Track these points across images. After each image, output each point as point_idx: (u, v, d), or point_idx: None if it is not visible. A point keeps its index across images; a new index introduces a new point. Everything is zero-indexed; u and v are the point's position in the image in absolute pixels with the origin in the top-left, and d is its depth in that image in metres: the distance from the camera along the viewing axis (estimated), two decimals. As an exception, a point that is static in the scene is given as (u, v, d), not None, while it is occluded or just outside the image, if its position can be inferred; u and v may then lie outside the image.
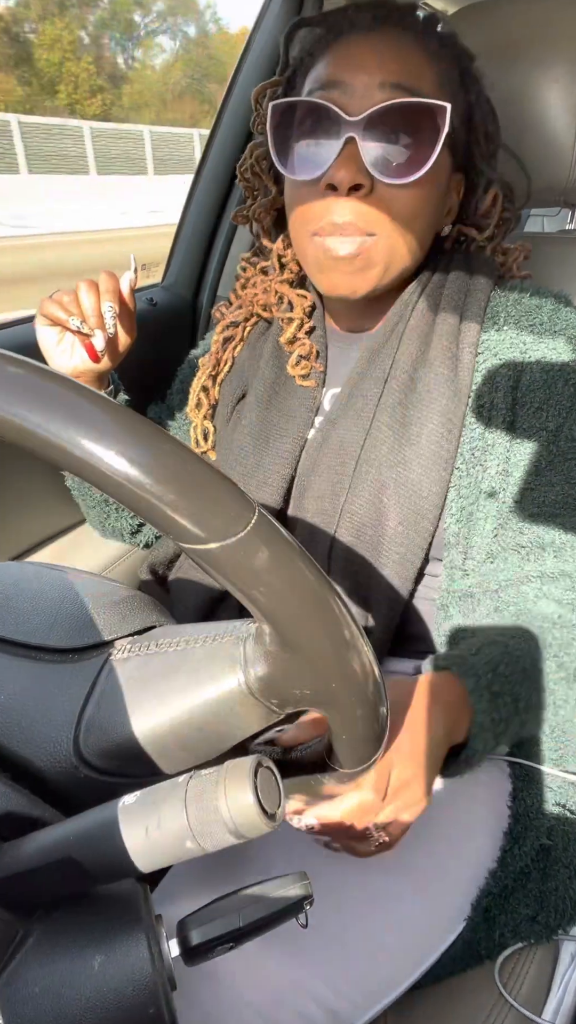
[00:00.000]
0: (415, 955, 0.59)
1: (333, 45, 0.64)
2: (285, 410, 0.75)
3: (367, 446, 0.68)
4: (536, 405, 0.65)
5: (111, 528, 0.92)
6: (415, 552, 0.66)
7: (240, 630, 0.36)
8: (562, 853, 0.66)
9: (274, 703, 0.34)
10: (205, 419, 0.82)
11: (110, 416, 0.25)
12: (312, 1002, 0.54)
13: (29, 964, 0.30)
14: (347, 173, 0.60)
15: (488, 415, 0.66)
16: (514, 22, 0.86)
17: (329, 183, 0.61)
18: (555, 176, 0.87)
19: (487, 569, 0.66)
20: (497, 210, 0.73)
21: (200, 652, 0.37)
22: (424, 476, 0.65)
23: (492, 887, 0.63)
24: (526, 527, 0.64)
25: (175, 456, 0.26)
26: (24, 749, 0.37)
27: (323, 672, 0.31)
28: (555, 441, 0.64)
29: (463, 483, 0.66)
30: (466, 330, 0.68)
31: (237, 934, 0.33)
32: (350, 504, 0.67)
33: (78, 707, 0.37)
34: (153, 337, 1.13)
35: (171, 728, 0.36)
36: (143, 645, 0.39)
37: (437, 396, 0.66)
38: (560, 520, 0.63)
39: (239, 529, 0.26)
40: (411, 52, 0.63)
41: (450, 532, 0.66)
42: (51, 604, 0.42)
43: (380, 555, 0.67)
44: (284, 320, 0.76)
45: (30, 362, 0.25)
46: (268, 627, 0.30)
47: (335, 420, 0.71)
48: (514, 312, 0.68)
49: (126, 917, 0.32)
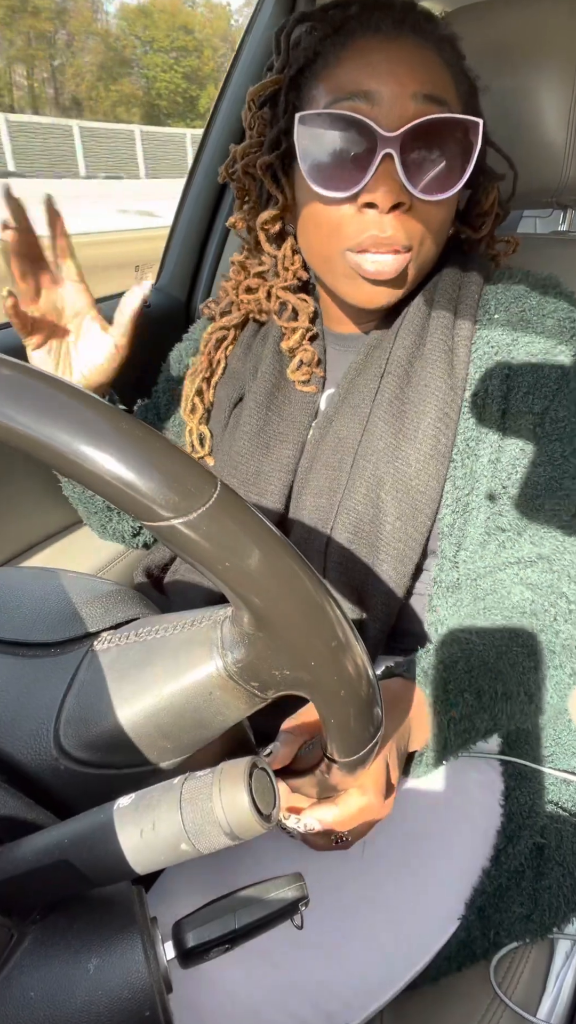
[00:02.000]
0: (410, 955, 0.60)
1: (348, 48, 0.61)
2: (285, 415, 0.75)
3: (364, 441, 0.68)
4: (525, 389, 0.65)
5: (112, 531, 0.92)
6: (413, 548, 0.67)
7: (217, 614, 0.36)
8: (555, 851, 0.66)
9: (255, 686, 0.34)
10: (201, 424, 0.81)
11: (65, 395, 0.25)
12: (306, 1003, 0.54)
13: (24, 967, 0.30)
14: (388, 192, 0.59)
15: (482, 404, 0.66)
16: (507, 24, 0.86)
17: (369, 202, 0.60)
18: (548, 177, 0.87)
19: (471, 556, 0.66)
20: (494, 208, 0.74)
21: (177, 638, 0.36)
22: (422, 471, 0.65)
23: (486, 886, 0.63)
24: (507, 510, 0.65)
25: (132, 433, 0.25)
26: (6, 744, 0.36)
27: (300, 650, 0.30)
28: (541, 424, 0.65)
29: (458, 474, 0.66)
30: (461, 324, 0.68)
31: (233, 936, 0.33)
32: (347, 500, 0.67)
33: (58, 699, 0.37)
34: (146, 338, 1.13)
35: (150, 716, 0.35)
36: (123, 635, 0.39)
37: (434, 389, 0.66)
38: (540, 502, 0.64)
39: (200, 504, 0.26)
40: (433, 60, 0.61)
41: (444, 523, 0.66)
42: (34, 601, 0.42)
43: (378, 552, 0.67)
44: (288, 329, 0.75)
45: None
46: (241, 606, 0.29)
47: (332, 418, 0.71)
48: (504, 300, 0.69)
49: (121, 920, 0.32)
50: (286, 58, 0.66)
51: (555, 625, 0.59)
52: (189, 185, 1.25)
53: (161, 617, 0.40)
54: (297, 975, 0.54)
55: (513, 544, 0.64)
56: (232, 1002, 0.52)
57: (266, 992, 0.53)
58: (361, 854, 0.59)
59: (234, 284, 0.79)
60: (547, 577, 0.61)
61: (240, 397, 0.79)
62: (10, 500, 0.91)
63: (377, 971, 0.57)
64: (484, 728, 0.55)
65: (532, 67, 0.84)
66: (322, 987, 0.54)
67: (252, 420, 0.74)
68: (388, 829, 0.60)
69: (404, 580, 0.67)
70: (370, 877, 0.59)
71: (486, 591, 0.62)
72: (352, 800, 0.47)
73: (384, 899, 0.59)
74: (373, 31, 0.61)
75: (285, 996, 0.53)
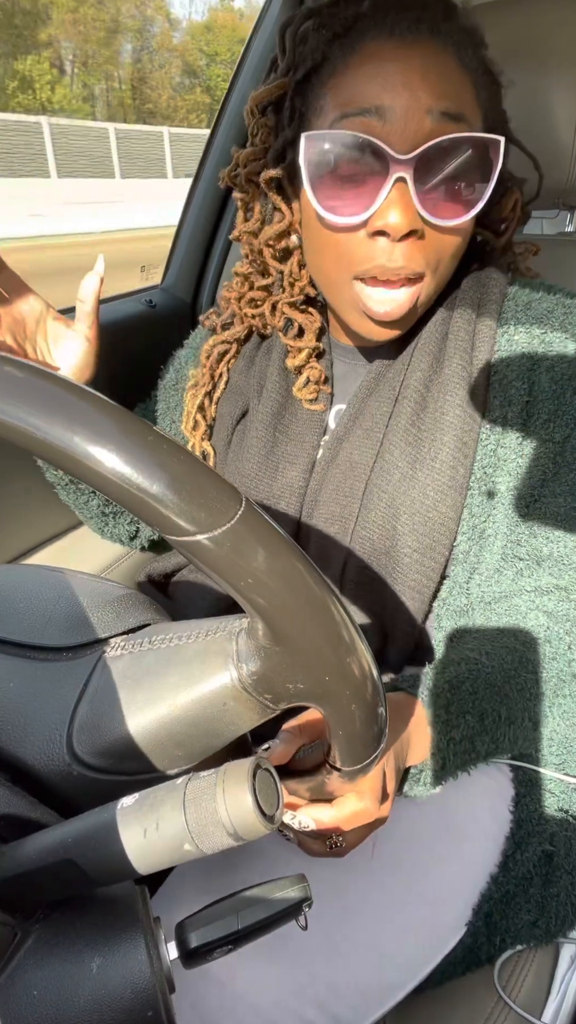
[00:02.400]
0: (416, 960, 0.59)
1: (358, 53, 0.56)
2: (292, 434, 0.71)
3: (377, 468, 0.65)
4: (545, 416, 0.62)
5: (110, 534, 0.91)
6: (431, 578, 0.65)
7: (232, 625, 0.36)
8: (564, 859, 0.66)
9: (268, 698, 0.34)
10: (203, 440, 0.78)
11: (96, 410, 0.25)
12: (312, 1006, 0.54)
13: (27, 967, 0.30)
14: (401, 220, 0.55)
15: (501, 431, 0.63)
16: (513, 26, 0.86)
17: (379, 229, 0.56)
18: (555, 178, 0.87)
19: (484, 582, 0.65)
20: (516, 213, 0.70)
21: (192, 648, 0.36)
22: (440, 502, 0.63)
23: (494, 892, 0.63)
24: (525, 539, 0.63)
25: (160, 448, 0.25)
26: (18, 748, 0.36)
27: (316, 666, 0.31)
28: (561, 452, 0.63)
29: (475, 502, 0.64)
30: (480, 345, 0.65)
31: (236, 937, 0.33)
32: (361, 529, 0.66)
33: (71, 705, 0.37)
34: (151, 339, 1.13)
35: (164, 725, 0.36)
36: (136, 642, 0.39)
37: (452, 418, 0.63)
38: (559, 533, 0.62)
39: (225, 521, 0.26)
40: (452, 67, 0.56)
41: (460, 549, 0.64)
42: (46, 603, 0.42)
43: (396, 582, 0.65)
44: (294, 349, 0.71)
45: (16, 359, 0.25)
46: (259, 620, 0.29)
47: (342, 438, 0.68)
48: (524, 319, 0.65)
49: (124, 920, 0.32)
50: (292, 59, 0.60)
51: (569, 653, 0.58)
52: (196, 185, 1.25)
53: (173, 625, 0.40)
54: (302, 977, 0.54)
55: (532, 573, 0.63)
56: (235, 1003, 0.52)
57: (270, 994, 0.53)
58: (371, 855, 0.59)
59: (237, 295, 0.75)
60: (564, 606, 0.60)
61: (243, 413, 0.76)
62: (15, 499, 0.91)
63: (383, 975, 0.57)
64: (485, 751, 0.55)
65: (538, 68, 0.84)
66: (327, 989, 0.54)
67: (259, 442, 0.71)
68: (396, 832, 0.60)
69: (423, 607, 0.66)
70: (377, 879, 0.59)
71: (499, 615, 0.62)
72: (348, 803, 0.47)
73: (391, 903, 0.58)
74: (387, 34, 0.55)
75: (289, 998, 0.53)
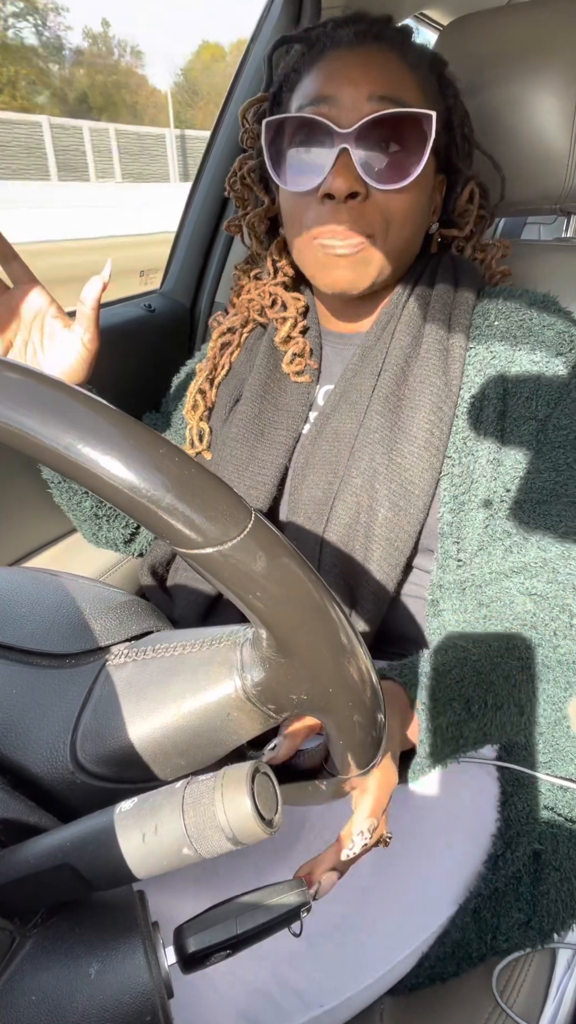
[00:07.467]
0: (401, 954, 0.60)
1: (318, 61, 0.68)
2: (279, 404, 0.77)
3: (360, 434, 0.70)
4: (526, 394, 0.67)
5: (104, 539, 0.91)
6: (404, 540, 0.67)
7: (237, 635, 0.36)
8: (552, 857, 0.66)
9: (271, 708, 0.34)
10: (201, 420, 0.83)
11: (105, 419, 0.25)
12: (294, 997, 0.54)
13: (25, 971, 0.30)
14: (343, 182, 0.64)
15: (480, 404, 0.68)
16: (509, 32, 0.87)
17: (327, 192, 0.65)
18: (551, 184, 0.88)
19: (476, 561, 0.67)
20: (474, 207, 0.78)
21: (196, 657, 0.36)
22: (415, 462, 0.67)
23: (481, 889, 0.63)
24: (513, 516, 0.66)
25: (171, 460, 0.25)
26: (21, 755, 0.36)
27: (320, 677, 0.31)
28: (543, 430, 0.66)
29: (455, 471, 0.67)
30: (457, 322, 0.71)
31: (234, 942, 0.33)
32: (344, 491, 0.69)
33: (75, 713, 0.37)
34: (150, 343, 1.13)
35: (167, 734, 0.36)
36: (140, 650, 0.39)
37: (428, 385, 0.68)
38: (545, 508, 0.64)
39: (235, 534, 0.26)
40: (393, 64, 0.66)
41: (444, 521, 0.67)
42: (48, 609, 0.42)
43: (371, 542, 0.68)
44: (278, 320, 0.79)
45: (27, 367, 0.25)
46: (265, 632, 0.29)
47: (329, 414, 0.73)
48: (504, 309, 0.71)
49: (123, 924, 0.32)
50: (270, 76, 0.75)
51: (554, 639, 0.59)
52: (195, 190, 1.25)
53: (176, 633, 0.40)
54: (289, 974, 0.54)
55: (520, 549, 0.64)
56: (210, 994, 0.53)
57: (258, 990, 0.53)
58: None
59: (236, 290, 0.85)
60: (552, 588, 0.61)
61: (239, 396, 0.81)
62: (13, 502, 0.91)
63: (371, 969, 0.57)
64: (473, 738, 0.56)
65: (535, 74, 0.85)
66: (312, 984, 0.55)
67: (247, 409, 0.77)
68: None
69: (394, 573, 0.68)
70: (362, 877, 0.59)
71: (491, 598, 0.63)
72: (365, 802, 0.46)
73: (375, 899, 0.59)
74: (339, 44, 0.67)
75: (277, 994, 0.54)
